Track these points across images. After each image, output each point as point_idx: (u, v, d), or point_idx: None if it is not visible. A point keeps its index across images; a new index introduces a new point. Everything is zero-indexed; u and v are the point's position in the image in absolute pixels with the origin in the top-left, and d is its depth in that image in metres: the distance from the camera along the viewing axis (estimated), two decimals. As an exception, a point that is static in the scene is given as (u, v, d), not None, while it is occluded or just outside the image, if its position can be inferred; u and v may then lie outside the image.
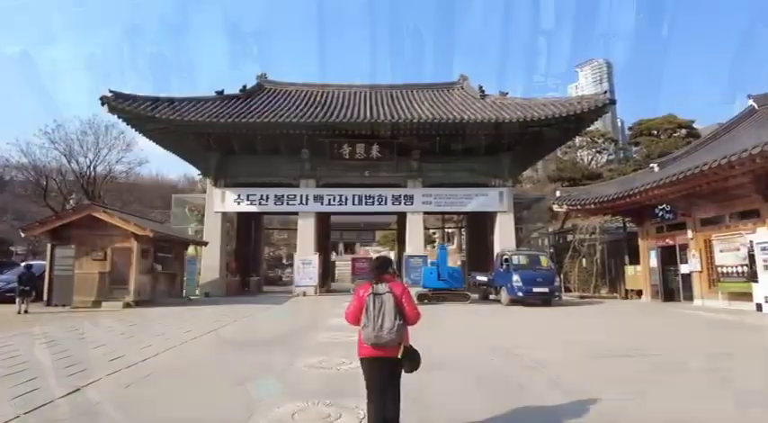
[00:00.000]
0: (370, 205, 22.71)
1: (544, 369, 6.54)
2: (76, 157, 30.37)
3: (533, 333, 10.13)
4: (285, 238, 49.13)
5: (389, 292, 3.56)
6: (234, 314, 13.67)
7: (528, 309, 15.20)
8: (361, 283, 4.29)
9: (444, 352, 7.80)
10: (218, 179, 22.79)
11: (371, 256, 47.30)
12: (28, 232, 15.91)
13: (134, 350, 7.63)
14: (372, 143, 21.99)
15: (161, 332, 9.91)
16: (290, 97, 24.77)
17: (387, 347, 3.48)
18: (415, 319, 3.67)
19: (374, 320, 3.45)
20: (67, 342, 8.50)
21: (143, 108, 19.97)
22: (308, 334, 9.54)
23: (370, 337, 3.46)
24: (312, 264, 21.66)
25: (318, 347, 8.07)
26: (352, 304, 3.70)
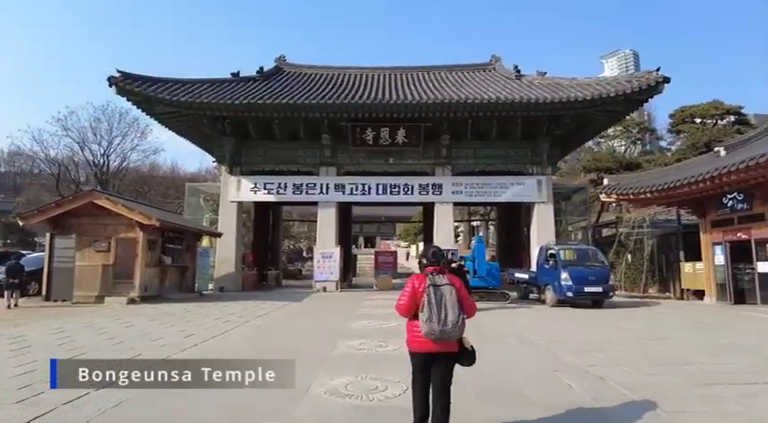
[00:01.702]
0: (395, 195, 21.00)
1: (648, 403, 4.77)
2: (89, 145, 29.42)
3: (602, 344, 8.32)
4: (305, 231, 47.91)
5: (450, 285, 3.46)
6: (246, 313, 12.18)
7: (578, 311, 13.35)
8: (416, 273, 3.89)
9: (502, 370, 6.13)
10: (234, 167, 21.35)
11: (392, 249, 45.72)
12: (25, 220, 14.69)
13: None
14: (398, 127, 20.24)
15: (158, 336, 8.43)
16: (310, 80, 23.19)
17: (448, 342, 3.42)
18: (473, 313, 3.63)
19: (437, 313, 3.34)
20: (35, 350, 7.05)
21: (153, 89, 18.64)
22: (327, 342, 7.93)
23: (434, 331, 3.34)
24: (333, 257, 20.10)
25: (342, 363, 6.45)
26: (405, 296, 3.57)
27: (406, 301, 3.55)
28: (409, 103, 18.59)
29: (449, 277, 3.55)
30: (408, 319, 3.61)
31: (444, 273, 3.59)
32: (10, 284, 12.92)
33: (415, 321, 3.51)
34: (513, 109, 18.96)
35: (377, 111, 18.88)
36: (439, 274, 3.53)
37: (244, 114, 19.51)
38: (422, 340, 3.43)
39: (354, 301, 15.43)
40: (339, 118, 19.67)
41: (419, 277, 3.58)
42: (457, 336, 3.42)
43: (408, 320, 3.61)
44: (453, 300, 3.40)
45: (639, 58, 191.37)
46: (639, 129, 45.77)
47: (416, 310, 3.48)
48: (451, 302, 3.38)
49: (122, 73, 18.54)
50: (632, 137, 45.52)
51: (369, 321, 10.36)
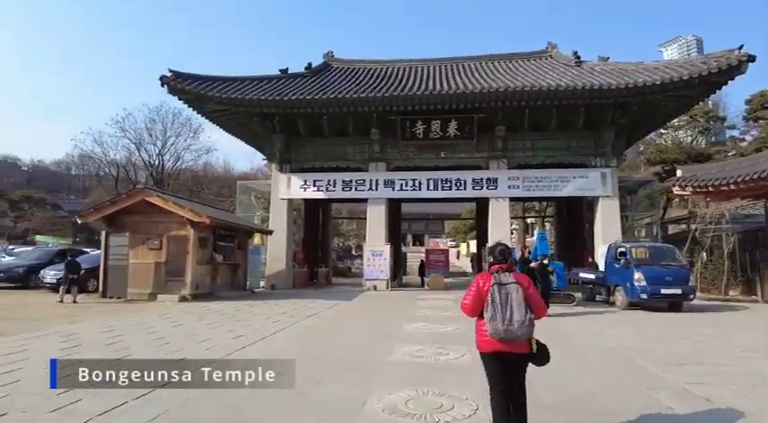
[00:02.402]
0: (447, 190, 20.16)
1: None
2: (145, 146, 30.34)
3: (694, 355, 7.24)
4: (354, 229, 47.79)
5: (516, 283, 3.38)
6: (296, 312, 11.78)
7: (655, 315, 12.07)
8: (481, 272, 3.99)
9: (585, 386, 5.28)
10: (284, 164, 21.21)
11: (442, 247, 44.72)
12: (84, 219, 14.98)
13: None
14: (449, 120, 19.39)
15: (205, 337, 8.09)
16: (359, 74, 22.70)
17: (516, 342, 3.32)
18: (544, 313, 3.55)
19: (502, 313, 3.29)
20: (83, 350, 6.82)
21: (203, 87, 18.72)
22: (382, 348, 7.30)
23: (498, 330, 3.28)
24: (383, 255, 19.54)
25: (399, 372, 5.80)
26: (470, 295, 3.54)
27: (471, 300, 3.50)
28: (462, 93, 17.71)
29: (515, 276, 3.47)
30: (477, 319, 3.51)
31: (511, 271, 3.50)
32: (68, 280, 13.22)
33: (482, 321, 3.42)
34: (575, 96, 17.70)
35: (427, 102, 18.11)
36: (505, 272, 3.45)
37: (293, 111, 19.27)
38: (488, 340, 3.36)
39: (406, 302, 14.78)
40: (388, 112, 19.05)
41: (485, 276, 3.51)
42: (525, 335, 3.30)
43: (477, 320, 3.51)
44: (519, 299, 3.31)
45: (703, 44, 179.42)
46: (708, 117, 42.46)
47: (482, 309, 3.40)
48: (517, 301, 3.29)
49: (174, 72, 18.72)
50: (699, 126, 42.28)
51: (424, 324, 9.66)
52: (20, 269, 16.87)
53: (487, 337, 3.36)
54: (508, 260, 3.58)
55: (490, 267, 3.59)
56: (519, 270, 4.59)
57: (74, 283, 13.33)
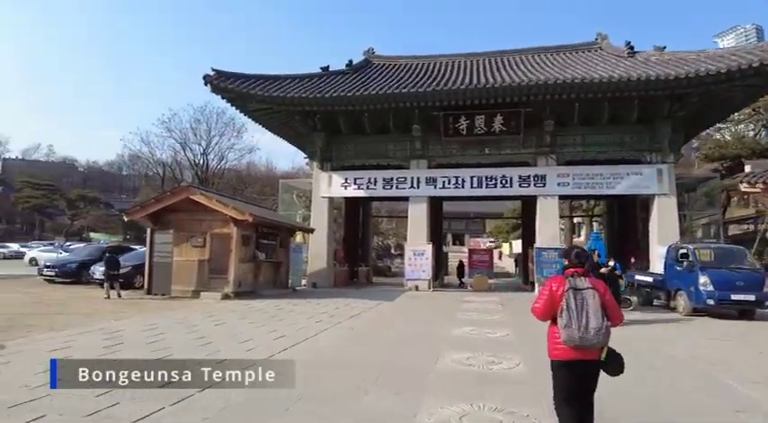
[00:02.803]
0: (492, 188, 19.47)
1: None
2: (190, 145, 31.01)
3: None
4: (393, 228, 47.45)
5: (592, 289, 3.28)
6: (338, 312, 11.52)
7: (724, 323, 11.11)
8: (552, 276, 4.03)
9: (662, 407, 4.66)
10: (325, 162, 21.07)
11: (483, 248, 43.73)
12: (130, 216, 15.29)
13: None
14: (494, 114, 18.69)
15: (247, 337, 7.90)
16: (400, 70, 22.30)
17: (590, 350, 3.20)
18: (620, 320, 3.44)
19: (578, 319, 3.17)
20: (125, 349, 6.73)
21: (245, 86, 18.78)
22: (428, 353, 6.88)
23: (573, 337, 3.16)
24: (425, 255, 19.07)
25: (449, 382, 5.36)
26: (542, 298, 3.43)
27: (543, 303, 3.39)
28: (508, 86, 17.00)
29: (591, 281, 3.36)
30: (549, 325, 3.42)
31: (587, 276, 3.39)
32: (109, 276, 13.54)
33: (555, 327, 3.31)
34: (629, 88, 16.64)
35: (472, 97, 17.49)
36: (581, 276, 3.35)
37: (333, 108, 19.09)
38: (563, 348, 3.24)
39: (450, 303, 14.29)
40: (430, 107, 18.55)
41: (558, 279, 3.41)
42: (601, 344, 3.19)
43: (549, 326, 3.42)
44: (596, 305, 3.20)
45: (763, 33, 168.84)
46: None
47: (554, 314, 3.30)
48: (594, 308, 3.19)
49: (217, 71, 18.88)
50: (763, 120, 39.52)
51: (472, 328, 9.16)
52: (72, 265, 17.43)
53: (561, 346, 3.25)
54: (585, 264, 3.47)
55: (564, 271, 3.49)
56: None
57: (114, 279, 13.59)
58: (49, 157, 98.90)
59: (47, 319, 9.51)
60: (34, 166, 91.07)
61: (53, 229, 65.09)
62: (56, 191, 64.74)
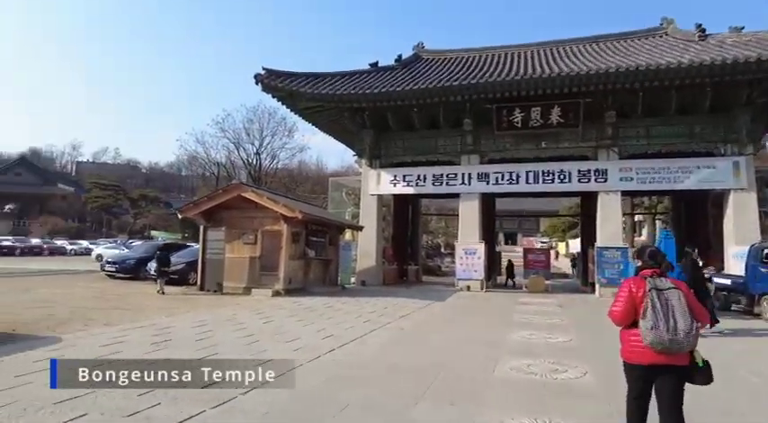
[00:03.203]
0: (549, 183, 18.52)
1: None
2: (244, 145, 31.65)
3: None
4: (443, 226, 46.76)
5: (676, 289, 3.13)
6: (387, 311, 11.18)
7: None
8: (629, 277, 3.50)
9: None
10: (373, 160, 20.80)
11: (537, 246, 42.21)
12: (184, 214, 15.60)
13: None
14: (551, 106, 17.74)
15: (295, 336, 7.70)
16: (450, 64, 21.71)
17: (678, 354, 3.02)
18: (707, 320, 3.50)
19: (665, 320, 3.00)
20: (173, 346, 6.65)
21: (295, 84, 18.80)
22: (485, 359, 6.39)
23: (662, 339, 2.98)
24: (477, 254, 18.40)
25: (509, 393, 4.86)
26: (621, 301, 3.24)
27: (623, 306, 3.22)
28: (566, 76, 16.05)
29: (672, 280, 3.23)
30: (622, 329, 3.28)
31: (665, 276, 3.26)
32: (160, 272, 14.09)
33: (632, 330, 3.18)
34: (702, 74, 15.27)
35: (527, 88, 16.64)
36: (659, 277, 3.22)
37: (382, 104, 18.75)
38: (642, 350, 3.08)
39: (505, 305, 13.63)
40: (482, 100, 17.86)
41: (636, 280, 3.26)
42: (690, 346, 3.04)
43: (622, 330, 3.28)
44: (682, 306, 3.05)
45: None
46: None
47: (634, 317, 3.16)
48: (680, 309, 3.04)
49: (267, 70, 19.01)
50: None
51: (530, 332, 8.55)
52: (131, 261, 18.06)
53: (642, 348, 3.07)
54: (662, 264, 3.30)
55: (639, 272, 3.33)
56: (686, 277, 3.94)
57: (163, 275, 14.12)
58: (116, 160, 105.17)
59: (104, 313, 9.73)
60: (102, 168, 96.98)
61: (118, 227, 68.79)
62: (120, 191, 68.35)
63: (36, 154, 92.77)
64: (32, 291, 13.28)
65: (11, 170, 70.59)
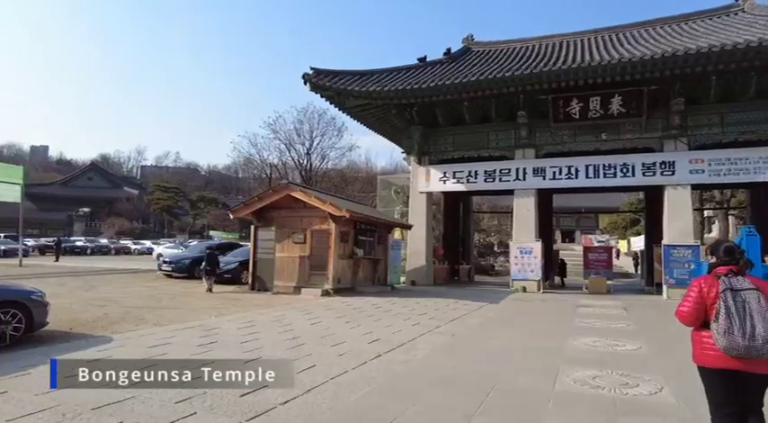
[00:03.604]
0: (610, 178, 17.37)
1: None
2: (295, 146, 32.06)
3: None
4: (496, 224, 45.50)
5: (755, 290, 2.80)
6: (438, 313, 10.73)
7: None
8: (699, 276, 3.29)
9: None
10: (422, 156, 20.35)
11: (595, 244, 40.16)
12: (235, 214, 15.81)
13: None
14: (611, 95, 16.63)
15: (341, 339, 7.42)
16: (502, 55, 20.87)
17: (759, 360, 2.71)
18: None
19: (741, 325, 2.71)
20: (218, 348, 6.51)
21: (343, 82, 18.62)
22: (545, 370, 5.83)
23: (736, 345, 2.71)
24: (533, 253, 17.56)
25: (574, 411, 4.31)
26: (690, 300, 2.99)
27: (691, 306, 2.99)
28: (628, 62, 14.91)
29: (753, 280, 2.90)
30: (693, 330, 3.05)
31: (743, 274, 2.95)
32: (207, 271, 14.43)
33: (703, 332, 2.94)
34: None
35: (585, 76, 15.62)
36: (736, 275, 2.91)
37: (431, 99, 18.23)
38: (716, 353, 2.83)
39: (564, 308, 12.82)
40: (537, 91, 16.96)
41: (708, 279, 3.00)
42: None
43: (694, 331, 3.05)
44: (762, 308, 2.73)
45: None
46: None
47: (704, 318, 2.94)
48: (759, 311, 2.72)
49: (315, 70, 18.94)
50: None
51: (594, 339, 7.84)
52: (186, 261, 18.52)
53: (715, 350, 2.83)
54: (740, 261, 3.00)
55: (713, 269, 3.04)
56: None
57: (211, 275, 14.45)
58: (176, 163, 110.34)
59: (156, 312, 9.87)
60: (164, 171, 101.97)
61: (179, 227, 72.06)
62: (180, 193, 71.56)
63: (105, 159, 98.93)
64: (94, 289, 13.82)
65: (84, 175, 75.54)
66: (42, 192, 67.36)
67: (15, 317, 6.66)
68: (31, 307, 6.87)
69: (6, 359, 5.75)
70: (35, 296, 7.06)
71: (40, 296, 7.16)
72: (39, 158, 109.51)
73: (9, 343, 6.52)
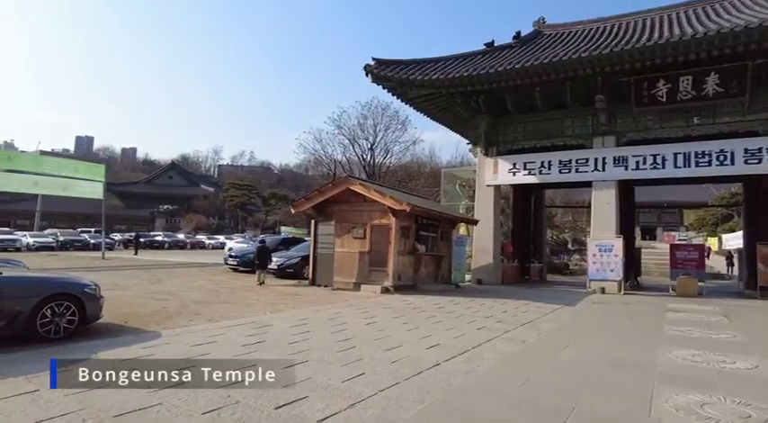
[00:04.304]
0: (705, 166, 15.43)
1: None
2: (358, 141, 31.84)
3: None
4: (570, 220, 42.96)
5: None
6: (505, 316, 9.80)
7: None
8: None
9: None
10: (490, 147, 19.22)
11: (677, 241, 36.69)
12: (296, 208, 15.62)
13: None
14: (707, 73, 14.72)
15: (397, 342, 6.76)
16: (577, 37, 19.25)
17: None
18: None
19: None
20: (264, 348, 6.07)
21: (404, 72, 17.91)
22: (635, 390, 4.83)
23: None
24: (612, 250, 15.99)
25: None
26: None
27: None
28: (730, 32, 12.99)
29: None
30: None
31: None
32: (258, 265, 14.80)
33: None
34: None
35: (675, 53, 13.85)
36: None
37: (499, 85, 17.06)
38: None
39: (651, 312, 11.40)
40: (618, 72, 15.33)
41: None
42: None
43: None
44: None
45: None
46: None
47: None
48: None
49: (377, 60, 18.37)
50: None
51: (693, 352, 6.62)
52: (251, 255, 18.63)
53: None
54: None
55: None
56: None
57: (262, 268, 14.82)
58: (251, 162, 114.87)
59: (212, 307, 9.73)
60: (240, 170, 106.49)
61: (253, 223, 74.79)
62: (253, 190, 74.18)
63: (185, 159, 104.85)
64: (160, 283, 14.12)
65: (165, 174, 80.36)
66: (129, 190, 72.48)
67: (69, 309, 6.62)
68: (85, 300, 6.81)
69: (56, 352, 5.61)
70: (89, 289, 6.99)
71: (94, 289, 7.10)
72: (128, 159, 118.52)
73: (63, 335, 6.48)
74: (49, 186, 22.36)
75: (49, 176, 21.77)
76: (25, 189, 22.37)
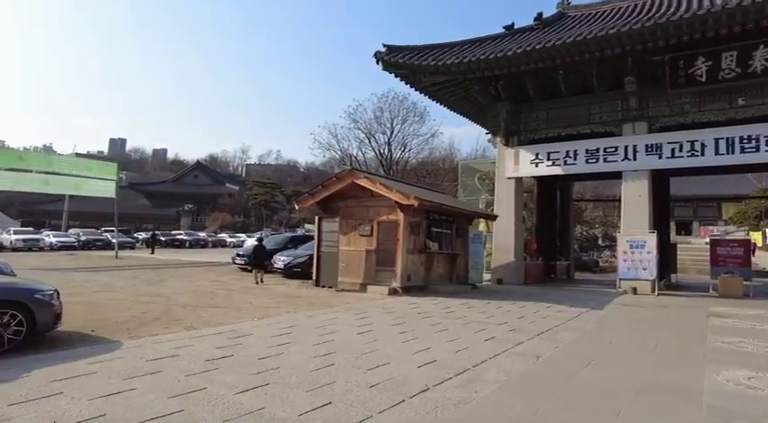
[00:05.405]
0: (751, 153, 13.85)
1: None
2: (375, 135, 30.87)
3: None
4: (600, 215, 41.00)
5: None
6: (522, 323, 8.66)
7: None
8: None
9: None
10: (510, 137, 17.95)
11: (720, 237, 34.41)
12: (300, 204, 14.70)
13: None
14: (752, 48, 13.17)
15: (384, 360, 5.75)
16: (604, 17, 17.70)
17: None
18: None
19: None
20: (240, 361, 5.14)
21: (417, 58, 16.79)
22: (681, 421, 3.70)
23: None
24: (645, 247, 14.57)
25: None
26: None
27: None
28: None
29: None
30: None
31: None
32: (254, 264, 14.54)
33: None
34: None
35: (718, 25, 12.34)
36: None
37: (520, 69, 15.75)
38: None
39: (691, 318, 10.02)
40: (650, 50, 13.83)
41: None
42: None
43: None
44: None
45: None
46: None
47: None
48: None
49: (388, 46, 17.29)
50: None
51: (748, 373, 5.36)
52: (259, 254, 17.91)
53: None
54: None
55: None
56: None
57: (259, 267, 14.49)
58: (278, 161, 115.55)
59: (198, 312, 8.93)
60: (266, 168, 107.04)
61: (278, 221, 74.73)
62: (276, 188, 74.16)
63: (213, 159, 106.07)
64: (159, 284, 13.46)
65: (190, 174, 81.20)
66: (155, 189, 73.39)
67: (15, 319, 5.87)
68: (34, 308, 6.07)
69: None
70: (40, 295, 6.23)
71: (49, 296, 6.34)
72: (158, 160, 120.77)
73: (9, 347, 5.74)
74: (60, 185, 22.17)
75: (61, 175, 21.54)
76: (36, 188, 22.21)
